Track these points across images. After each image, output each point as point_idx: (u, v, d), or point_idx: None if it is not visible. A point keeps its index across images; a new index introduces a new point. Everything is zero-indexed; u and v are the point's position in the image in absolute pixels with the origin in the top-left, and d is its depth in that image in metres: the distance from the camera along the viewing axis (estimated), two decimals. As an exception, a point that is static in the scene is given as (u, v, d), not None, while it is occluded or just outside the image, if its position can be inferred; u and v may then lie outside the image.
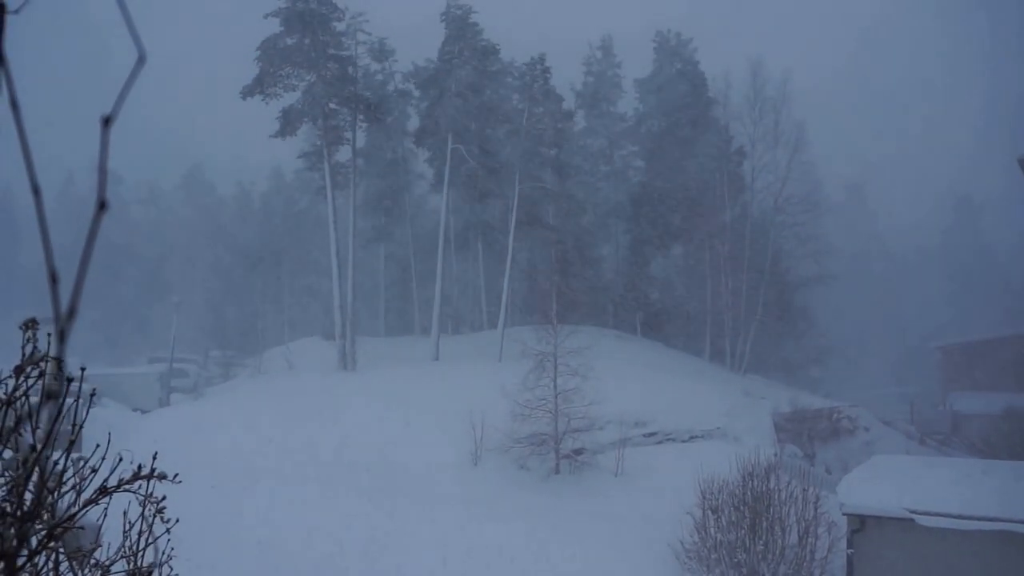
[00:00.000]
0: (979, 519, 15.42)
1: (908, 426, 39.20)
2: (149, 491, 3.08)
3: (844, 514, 17.05)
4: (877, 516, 16.53)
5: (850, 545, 17.01)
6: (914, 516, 15.98)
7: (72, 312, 1.14)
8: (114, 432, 3.99)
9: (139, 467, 3.02)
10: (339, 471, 24.98)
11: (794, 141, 46.81)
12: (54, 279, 1.13)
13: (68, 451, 2.48)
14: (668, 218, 49.80)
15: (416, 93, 52.86)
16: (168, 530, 3.11)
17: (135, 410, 31.32)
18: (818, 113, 63.43)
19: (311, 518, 20.92)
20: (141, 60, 1.18)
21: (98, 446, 2.94)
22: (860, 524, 16.75)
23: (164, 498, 3.16)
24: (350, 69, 42.00)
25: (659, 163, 51.42)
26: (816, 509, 17.98)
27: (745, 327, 46.86)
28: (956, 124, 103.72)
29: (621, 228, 56.35)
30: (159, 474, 3.08)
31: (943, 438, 39.41)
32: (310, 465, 25.26)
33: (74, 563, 2.76)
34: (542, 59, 44.25)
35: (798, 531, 17.79)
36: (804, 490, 18.45)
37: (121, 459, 2.96)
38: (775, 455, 24.35)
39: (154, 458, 3.16)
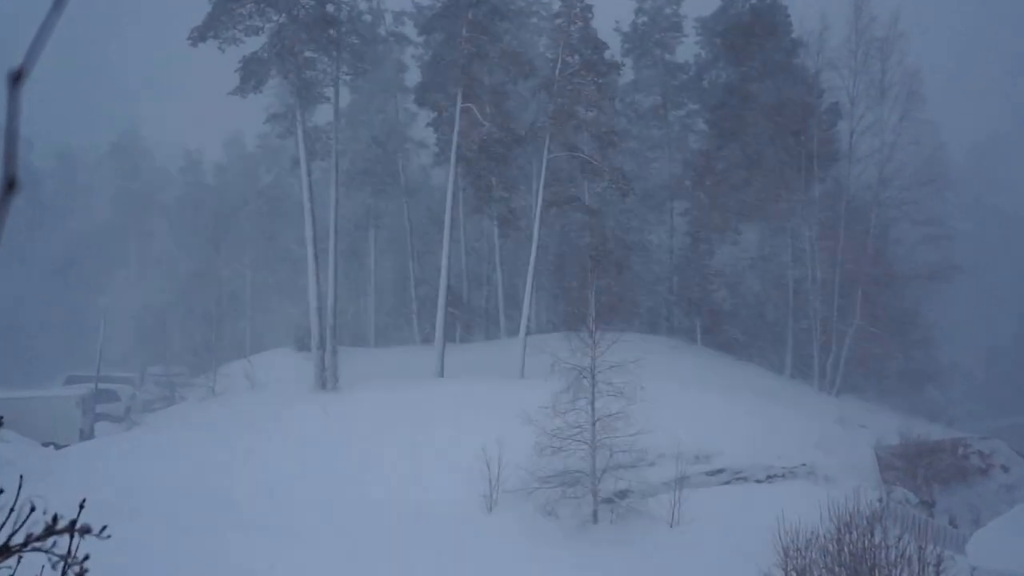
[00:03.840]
0: None
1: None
2: (70, 549, 3.01)
3: (974, 580, 16.76)
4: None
5: (981, 619, 16.74)
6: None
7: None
8: (20, 474, 3.92)
9: (55, 518, 2.94)
10: (312, 520, 25.00)
11: (907, 95, 46.24)
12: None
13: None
14: (738, 195, 49.54)
15: (416, 38, 52.87)
16: (94, 600, 3.03)
17: (47, 444, 31.41)
18: (941, 58, 62.65)
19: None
20: (59, 4, 1.13)
21: (1, 491, 2.86)
22: (996, 593, 16.46)
23: (87, 558, 3.09)
24: (330, 7, 42.04)
25: (727, 125, 51.13)
26: (937, 573, 17.74)
27: (839, 335, 46.51)
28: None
29: (678, 209, 56.17)
30: (82, 527, 3.01)
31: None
32: (277, 513, 25.30)
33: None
34: (583, -7, 43.95)
35: (911, 601, 17.58)
36: (920, 548, 18.19)
37: (33, 508, 2.89)
38: (880, 501, 24.14)
39: (81, 507, 3.09)
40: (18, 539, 2.71)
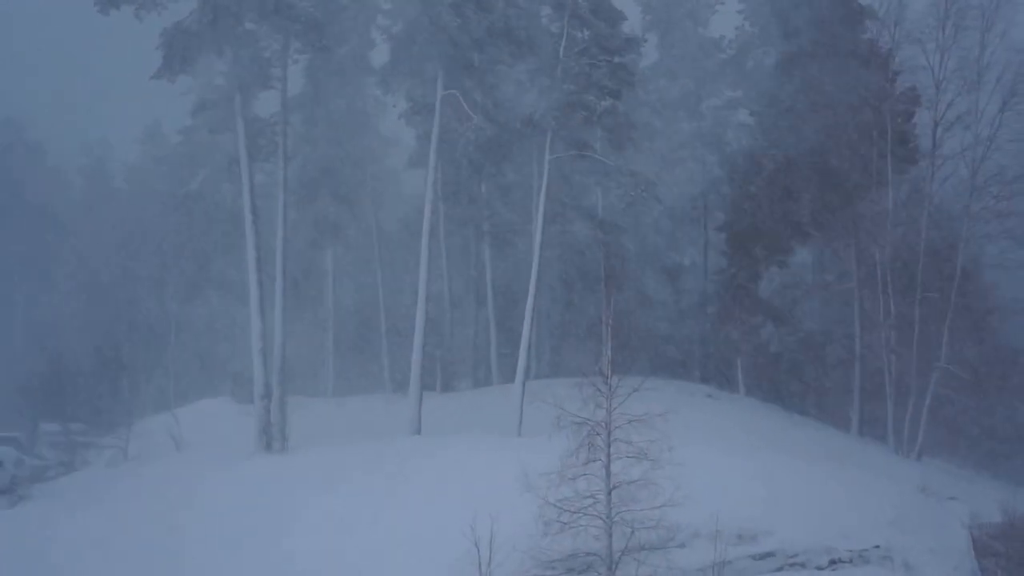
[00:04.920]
0: None
1: None
2: None
3: None
4: None
5: None
6: None
7: None
8: None
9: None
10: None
11: (1011, 77, 45.82)
12: None
13: None
14: (789, 205, 49.50)
15: (386, 5, 53.00)
16: None
17: None
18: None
19: None
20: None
21: None
22: None
23: None
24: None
25: (776, 116, 51.18)
26: None
27: (920, 382, 46.26)
28: None
29: (713, 222, 56.19)
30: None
31: None
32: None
33: None
34: (593, -47, 44.12)
35: None
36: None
37: None
38: (978, 595, 23.99)
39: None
40: None
